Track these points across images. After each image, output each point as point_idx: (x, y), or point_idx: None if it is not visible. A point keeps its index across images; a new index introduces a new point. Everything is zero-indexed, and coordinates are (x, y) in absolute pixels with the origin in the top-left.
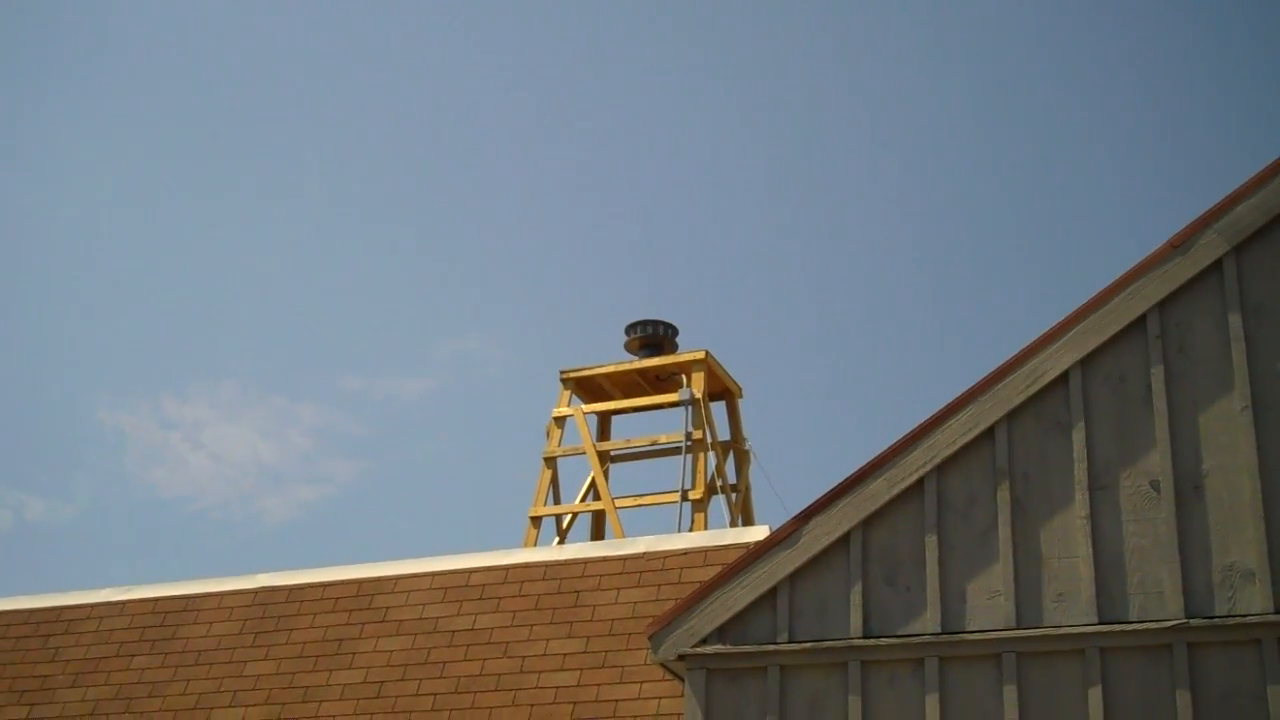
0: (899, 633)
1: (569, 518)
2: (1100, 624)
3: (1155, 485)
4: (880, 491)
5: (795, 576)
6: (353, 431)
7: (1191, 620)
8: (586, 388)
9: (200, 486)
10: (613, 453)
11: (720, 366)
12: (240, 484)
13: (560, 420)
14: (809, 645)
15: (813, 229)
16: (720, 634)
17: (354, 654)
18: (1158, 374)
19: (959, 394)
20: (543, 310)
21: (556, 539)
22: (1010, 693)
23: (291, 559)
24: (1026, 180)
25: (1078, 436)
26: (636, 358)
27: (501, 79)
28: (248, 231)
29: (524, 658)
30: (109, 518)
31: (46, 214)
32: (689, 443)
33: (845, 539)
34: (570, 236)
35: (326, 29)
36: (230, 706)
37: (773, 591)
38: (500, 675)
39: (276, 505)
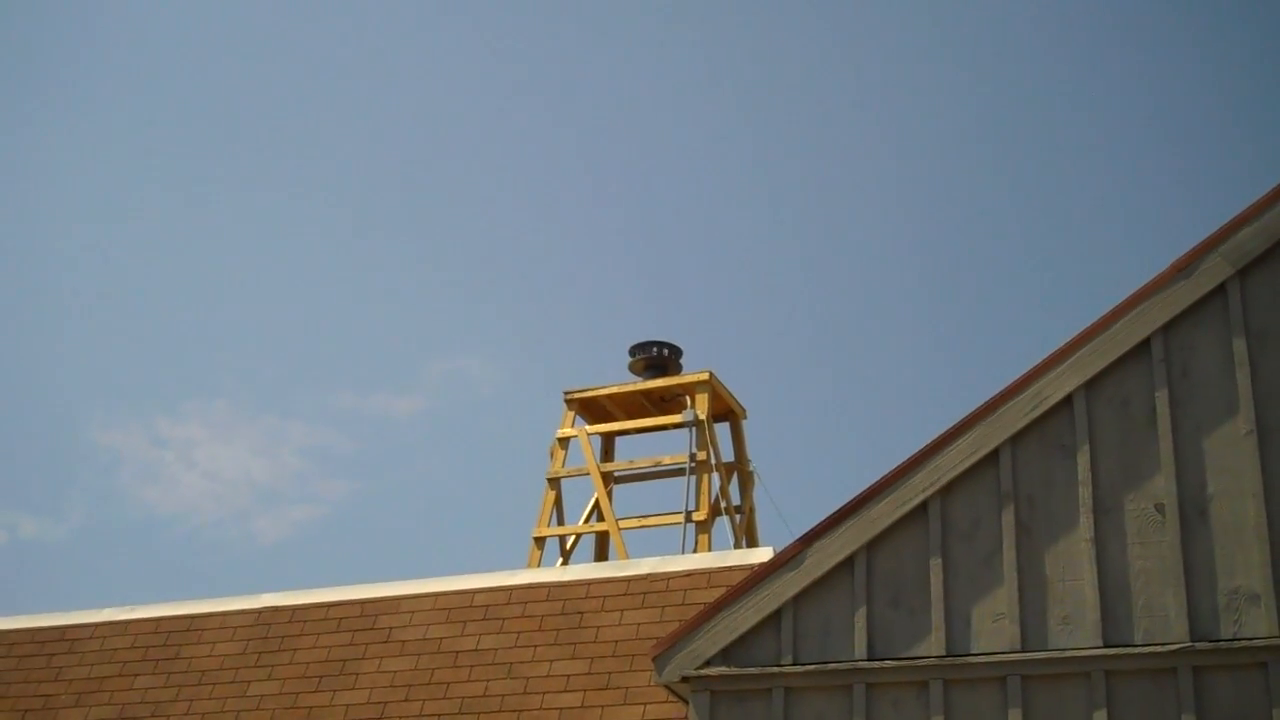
0: (903, 655)
1: (573, 538)
2: (1105, 647)
3: (1160, 509)
4: (885, 514)
5: (799, 599)
6: (344, 450)
7: (1197, 644)
8: (590, 409)
9: (194, 505)
10: (616, 474)
11: (724, 388)
12: (233, 503)
13: (564, 441)
14: (813, 668)
15: (817, 251)
16: (724, 656)
17: (357, 674)
18: (1162, 397)
19: (963, 417)
20: (544, 331)
21: (560, 560)
22: (1015, 716)
23: (287, 579)
24: (1032, 203)
25: (1082, 460)
26: (640, 379)
27: (503, 92)
28: (239, 249)
29: (528, 679)
30: (102, 536)
31: (39, 234)
32: (693, 464)
33: (849, 561)
34: (573, 257)
35: (318, 40)
36: None
37: (777, 614)
38: (504, 696)
39: (270, 524)
